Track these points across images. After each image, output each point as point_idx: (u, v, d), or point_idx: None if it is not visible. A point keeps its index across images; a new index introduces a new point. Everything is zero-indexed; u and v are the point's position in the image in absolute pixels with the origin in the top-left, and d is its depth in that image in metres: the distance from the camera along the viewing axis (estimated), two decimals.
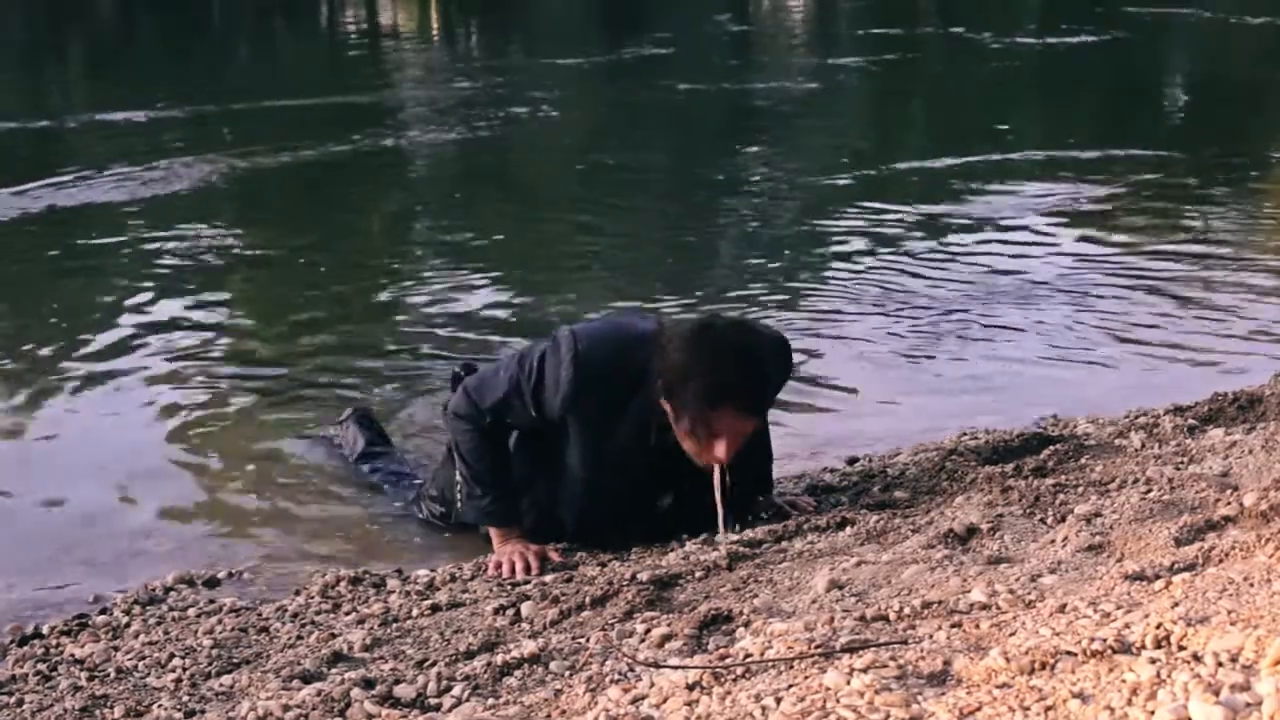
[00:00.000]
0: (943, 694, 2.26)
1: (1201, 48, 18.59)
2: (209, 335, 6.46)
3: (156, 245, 8.19)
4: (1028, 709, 2.14)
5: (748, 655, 2.62)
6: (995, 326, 6.34)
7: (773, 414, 4.31)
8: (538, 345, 3.94)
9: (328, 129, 11.97)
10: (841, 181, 10.05)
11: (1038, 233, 8.20)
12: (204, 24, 23.90)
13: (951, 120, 13.26)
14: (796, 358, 5.88)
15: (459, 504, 4.09)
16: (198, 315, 6.77)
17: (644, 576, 3.44)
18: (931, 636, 2.61)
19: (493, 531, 3.96)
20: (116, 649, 3.37)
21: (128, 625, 3.56)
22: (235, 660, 3.23)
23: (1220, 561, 2.98)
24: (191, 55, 18.65)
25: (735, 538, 3.78)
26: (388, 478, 4.66)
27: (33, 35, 21.93)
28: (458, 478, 4.03)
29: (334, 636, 3.31)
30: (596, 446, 3.85)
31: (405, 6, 27.25)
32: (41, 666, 3.27)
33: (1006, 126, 12.64)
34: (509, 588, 3.59)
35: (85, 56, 19.83)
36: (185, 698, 3.00)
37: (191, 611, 3.64)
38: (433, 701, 2.80)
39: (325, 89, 15.01)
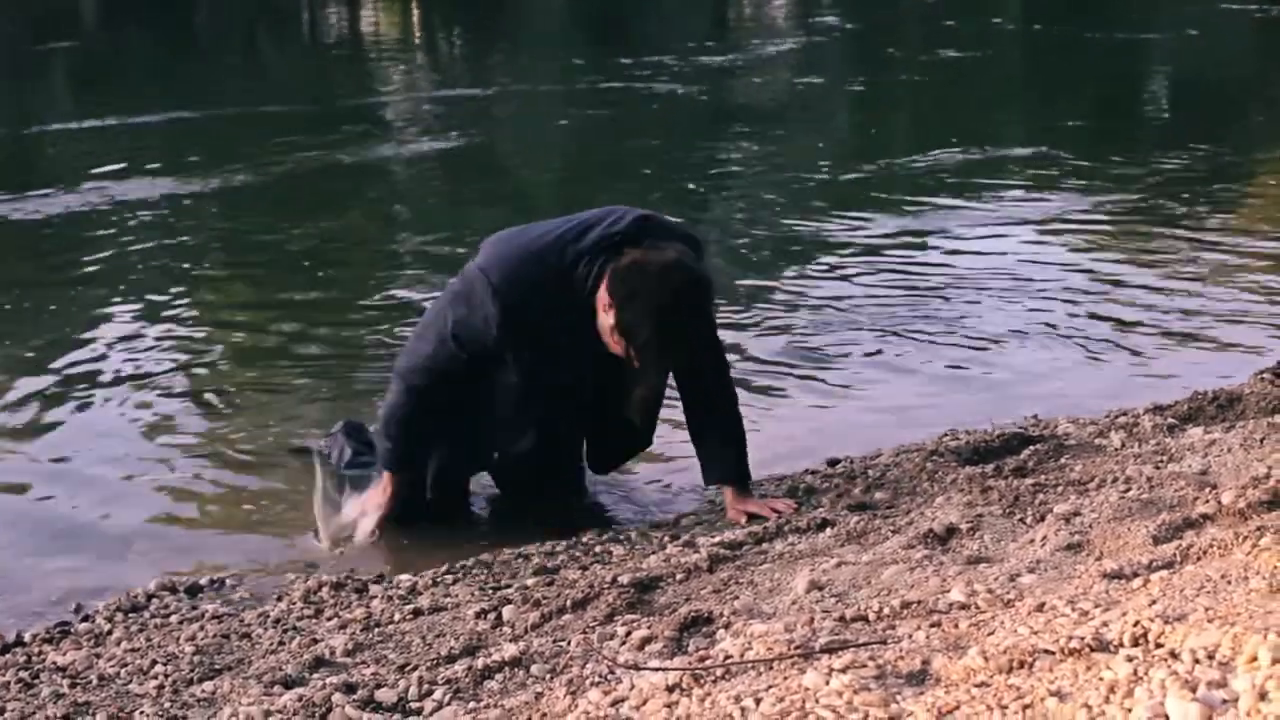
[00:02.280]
0: (921, 693, 2.27)
1: (1198, 44, 18.59)
2: (192, 343, 6.44)
3: (141, 253, 8.17)
4: (1005, 708, 2.15)
5: (728, 656, 2.63)
6: (976, 327, 6.34)
7: (753, 417, 4.33)
8: (450, 290, 4.12)
9: (312, 136, 11.94)
10: (823, 182, 10.08)
11: (1020, 233, 8.21)
12: (187, 31, 23.85)
13: (934, 119, 13.27)
14: (781, 358, 5.95)
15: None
16: (180, 323, 6.75)
17: (625, 579, 3.44)
18: (910, 636, 2.63)
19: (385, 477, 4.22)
20: (99, 656, 3.36)
21: (110, 632, 3.56)
22: (217, 666, 3.23)
23: (1198, 559, 3.00)
24: (175, 62, 18.61)
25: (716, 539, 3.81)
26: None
27: (16, 42, 21.86)
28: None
29: (316, 642, 3.31)
30: (541, 362, 4.02)
31: (386, 10, 27.24)
32: (23, 674, 3.26)
33: (990, 126, 12.68)
34: (490, 591, 3.59)
35: (69, 64, 19.75)
36: (167, 704, 2.99)
37: (174, 618, 3.64)
38: (414, 705, 2.81)
39: (309, 96, 15.01)
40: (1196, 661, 2.18)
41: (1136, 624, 2.36)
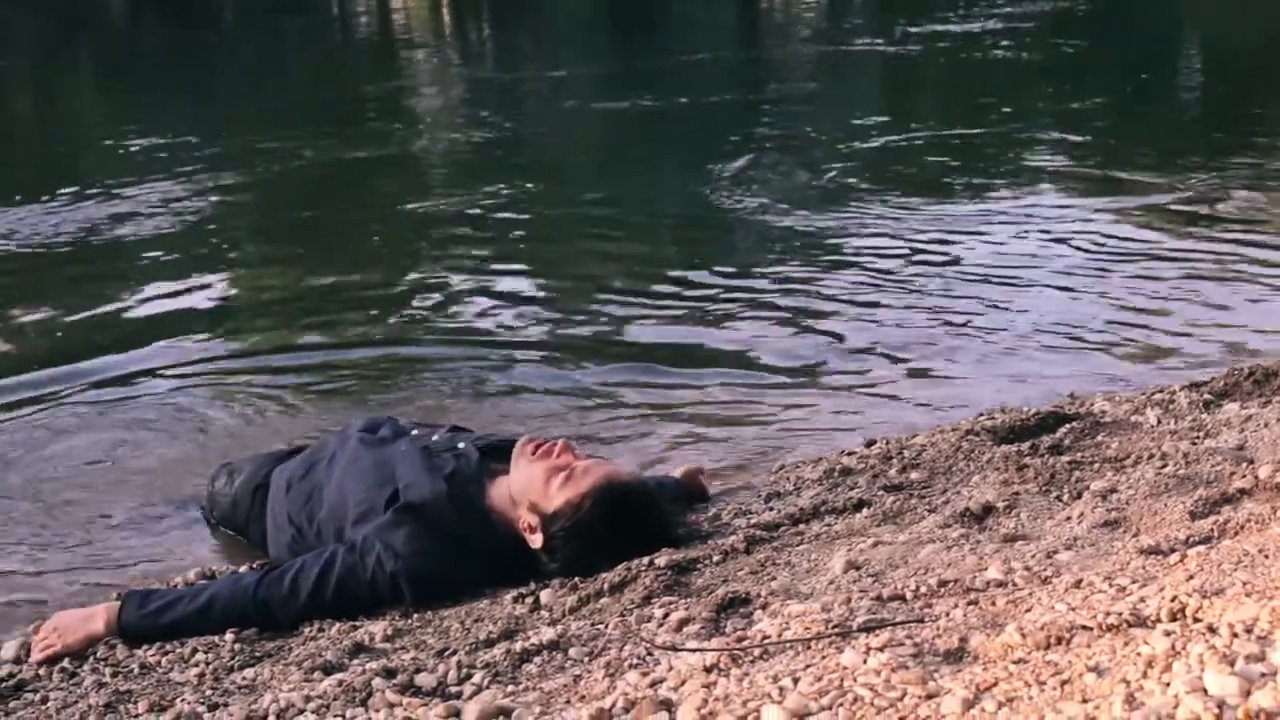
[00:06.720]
0: (959, 671, 2.27)
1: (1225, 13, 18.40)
2: (225, 324, 6.53)
3: (166, 246, 8.23)
4: (1044, 684, 2.15)
5: (765, 637, 2.63)
6: (1011, 308, 6.33)
7: (789, 400, 4.31)
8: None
9: (340, 127, 11.98)
10: (850, 169, 10.04)
11: (1051, 213, 8.19)
12: (216, 24, 23.93)
13: (959, 102, 13.22)
14: (814, 343, 5.95)
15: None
16: (207, 310, 6.82)
17: (661, 562, 3.44)
18: (948, 614, 2.62)
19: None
20: (140, 645, 3.38)
21: None
22: (258, 654, 3.25)
23: (1235, 534, 2.99)
24: (204, 56, 18.68)
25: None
26: None
27: (44, 36, 21.98)
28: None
29: (355, 628, 3.33)
30: None
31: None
32: (66, 663, 3.30)
33: (1014, 107, 12.62)
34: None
35: (97, 60, 19.86)
36: (208, 691, 3.02)
37: None
38: (453, 689, 2.81)
39: (337, 87, 15.04)
40: (1234, 635, 2.17)
41: (1174, 599, 2.35)
